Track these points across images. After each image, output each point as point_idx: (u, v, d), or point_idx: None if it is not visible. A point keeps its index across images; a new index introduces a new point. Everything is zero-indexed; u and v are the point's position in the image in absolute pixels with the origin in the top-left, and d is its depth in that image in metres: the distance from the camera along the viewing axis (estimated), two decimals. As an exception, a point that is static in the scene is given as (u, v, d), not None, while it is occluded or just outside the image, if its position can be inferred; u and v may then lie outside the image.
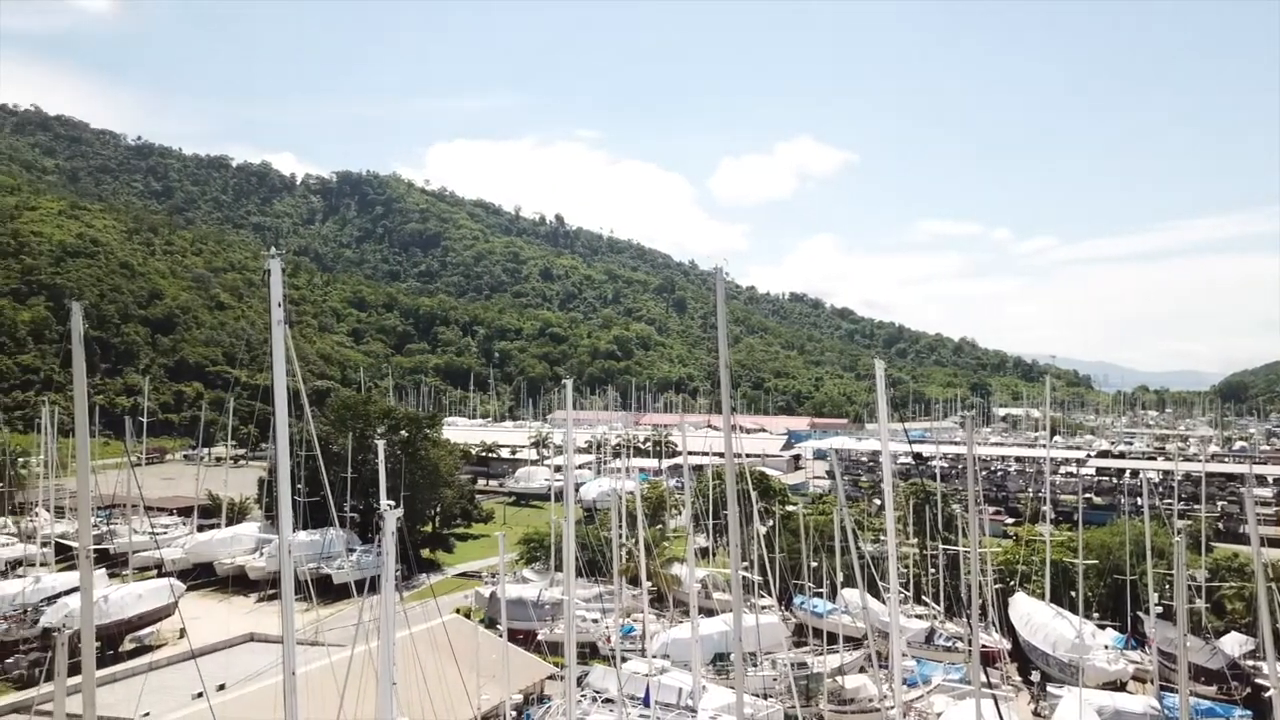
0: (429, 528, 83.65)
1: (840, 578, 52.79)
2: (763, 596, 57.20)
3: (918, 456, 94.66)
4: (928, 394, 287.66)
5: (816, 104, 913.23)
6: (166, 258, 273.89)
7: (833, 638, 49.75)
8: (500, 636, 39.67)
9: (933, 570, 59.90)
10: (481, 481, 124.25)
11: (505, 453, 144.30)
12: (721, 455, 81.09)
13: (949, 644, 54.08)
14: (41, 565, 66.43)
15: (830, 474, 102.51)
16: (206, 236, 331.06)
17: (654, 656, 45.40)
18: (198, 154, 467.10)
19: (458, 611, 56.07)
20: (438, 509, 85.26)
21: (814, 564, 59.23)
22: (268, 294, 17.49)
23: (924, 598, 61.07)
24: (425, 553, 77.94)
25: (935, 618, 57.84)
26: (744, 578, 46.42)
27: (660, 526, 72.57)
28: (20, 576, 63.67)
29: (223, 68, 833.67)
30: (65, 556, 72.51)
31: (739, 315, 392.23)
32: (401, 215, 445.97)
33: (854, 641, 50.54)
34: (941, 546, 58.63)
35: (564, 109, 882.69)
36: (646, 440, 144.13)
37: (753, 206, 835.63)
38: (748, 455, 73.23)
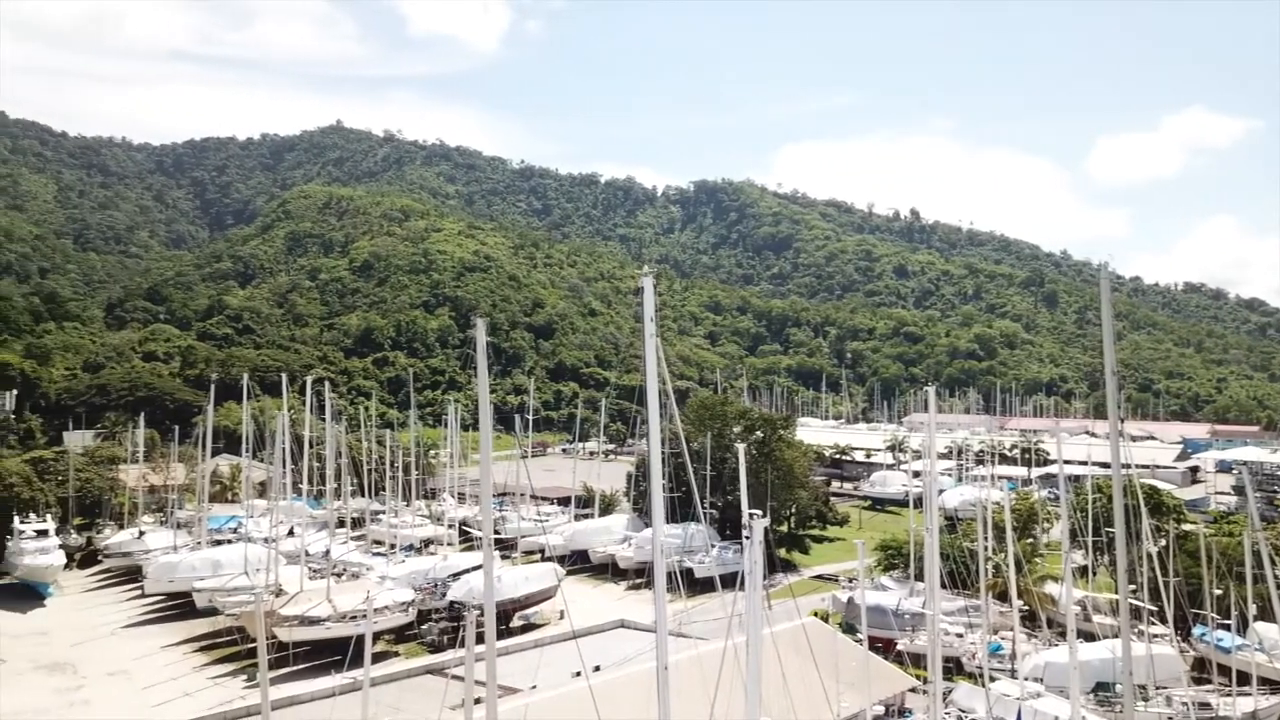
0: (784, 528, 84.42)
1: (1253, 610, 46.05)
2: (1153, 624, 51.45)
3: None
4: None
5: (1210, 69, 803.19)
6: (546, 269, 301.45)
7: (1243, 677, 43.54)
8: (859, 643, 39.08)
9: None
10: (835, 484, 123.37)
11: (859, 455, 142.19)
12: (1103, 465, 74.13)
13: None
14: (448, 545, 75.42)
15: (1239, 490, 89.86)
16: (580, 249, 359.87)
17: (1026, 679, 42.43)
18: (571, 173, 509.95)
19: (814, 614, 56.05)
20: (793, 510, 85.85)
21: (1218, 591, 52.21)
22: (640, 309, 18.63)
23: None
24: (781, 553, 78.79)
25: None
26: (1132, 602, 41.95)
27: (1031, 540, 67.68)
28: (431, 554, 72.99)
29: (590, 92, 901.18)
30: (467, 538, 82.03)
31: (1122, 309, 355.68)
32: (755, 220, 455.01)
33: (1271, 684, 43.88)
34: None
35: (913, 101, 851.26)
36: (1013, 447, 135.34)
37: (1134, 188, 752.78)
38: (1136, 466, 66.09)
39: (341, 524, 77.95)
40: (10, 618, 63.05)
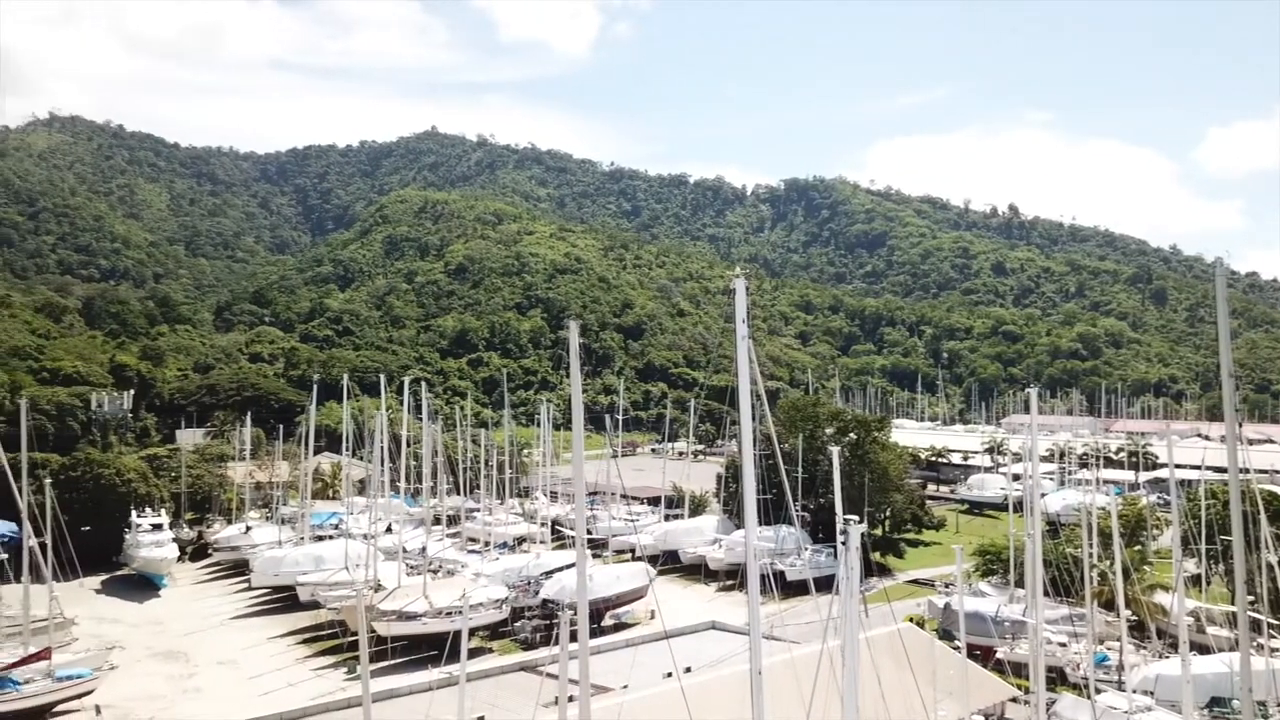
0: (879, 531, 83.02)
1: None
2: (1275, 637, 48.86)
3: None
4: None
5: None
6: (635, 271, 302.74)
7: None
8: (957, 650, 38.13)
9: None
10: (931, 487, 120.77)
11: (956, 458, 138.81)
12: (1218, 470, 70.80)
13: None
14: (540, 543, 76.31)
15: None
16: (669, 250, 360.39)
17: (1134, 691, 40.80)
18: (660, 174, 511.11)
19: (910, 619, 54.92)
20: (887, 513, 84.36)
21: (1347, 605, 49.31)
22: (732, 309, 18.51)
23: None
24: (875, 556, 77.43)
25: None
26: (1250, 614, 39.97)
27: (1139, 548, 65.06)
28: (524, 552, 73.97)
29: (679, 92, 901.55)
30: (559, 536, 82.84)
31: (1238, 306, 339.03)
32: (847, 217, 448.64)
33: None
34: None
35: (1010, 93, 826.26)
36: (1119, 450, 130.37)
37: (1248, 179, 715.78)
38: (1255, 471, 62.91)
39: (437, 521, 79.58)
40: (128, 607, 66.24)
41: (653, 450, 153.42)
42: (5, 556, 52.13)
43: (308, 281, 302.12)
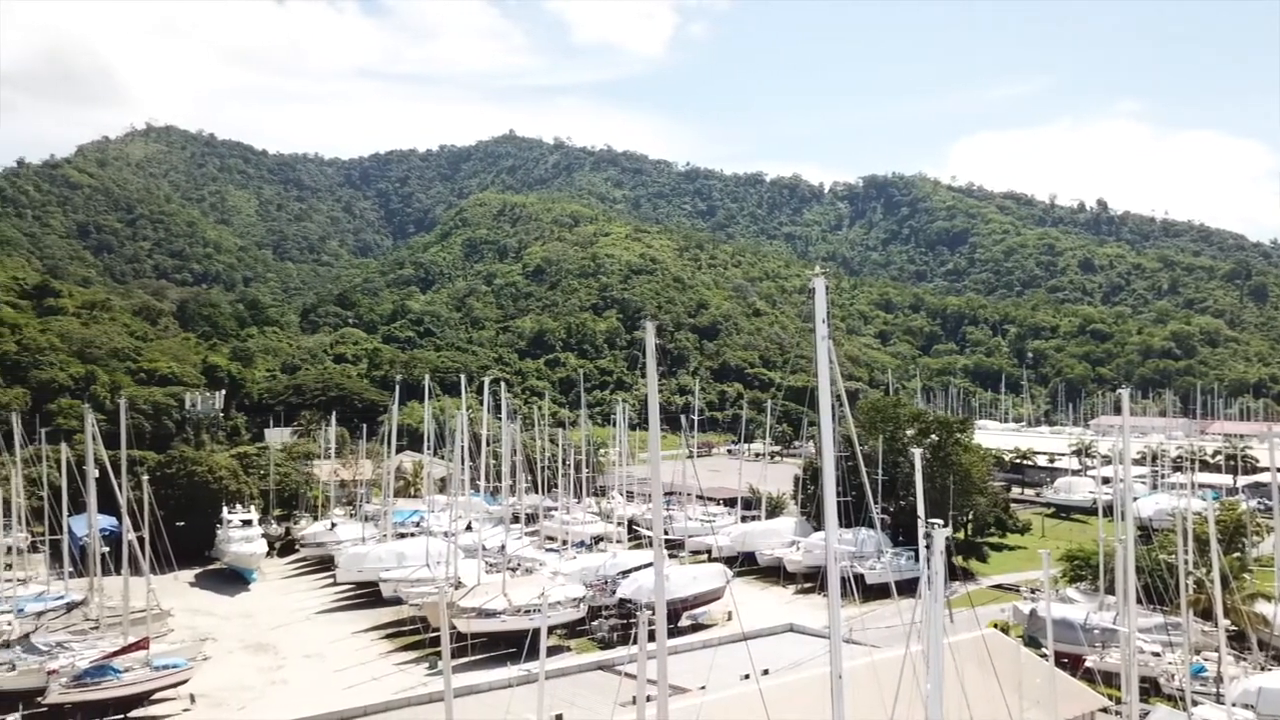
0: (961, 535, 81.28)
1: None
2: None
3: None
4: None
5: None
6: (710, 271, 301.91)
7: None
8: (1044, 658, 37.08)
9: None
10: (1016, 490, 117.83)
11: (1042, 460, 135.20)
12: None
13: None
14: (617, 542, 76.56)
15: None
16: (744, 249, 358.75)
17: (1234, 704, 39.12)
18: (736, 173, 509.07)
19: (994, 625, 53.62)
20: (970, 516, 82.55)
21: None
22: (810, 308, 18.26)
23: None
24: (957, 560, 75.83)
25: None
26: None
27: (1238, 555, 62.44)
28: (601, 551, 74.30)
29: (754, 91, 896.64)
30: (635, 536, 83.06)
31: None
32: (928, 214, 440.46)
33: None
34: None
35: (1097, 84, 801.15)
36: (1216, 453, 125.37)
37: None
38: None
39: (516, 520, 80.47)
40: (220, 600, 68.49)
41: (728, 451, 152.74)
42: (107, 549, 54.30)
43: (390, 284, 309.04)
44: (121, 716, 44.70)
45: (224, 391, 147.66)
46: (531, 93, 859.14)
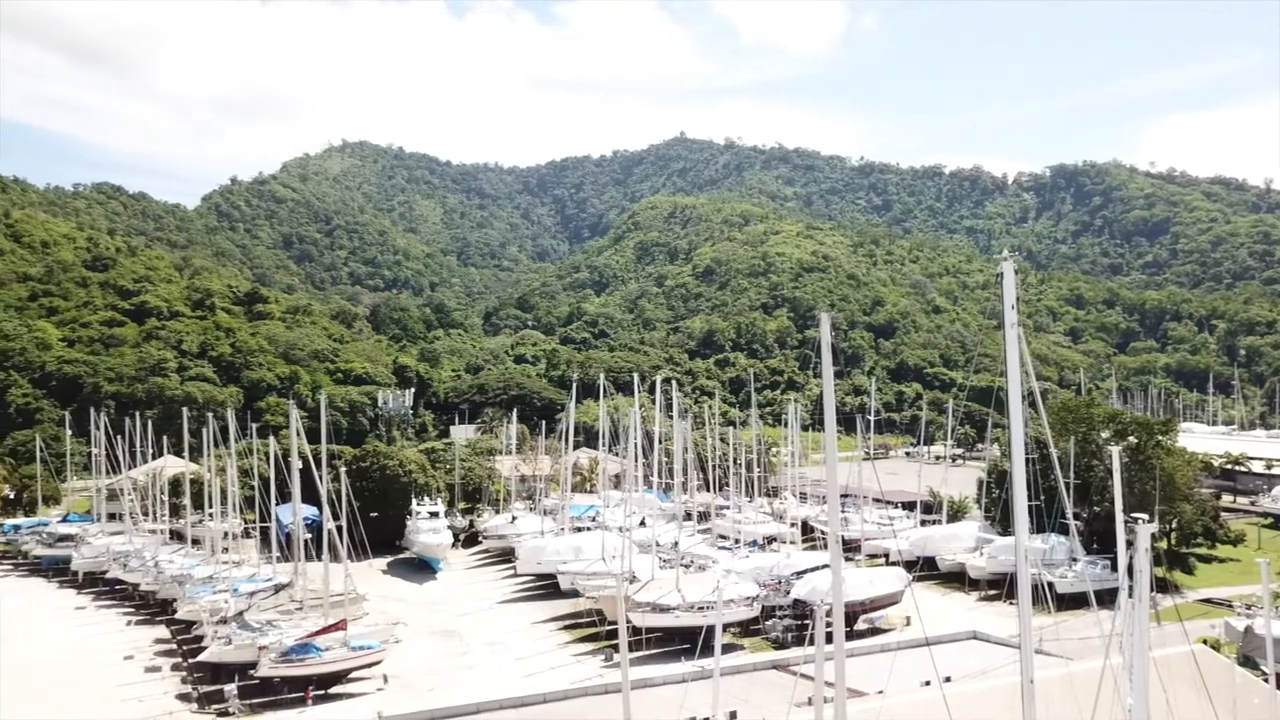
0: (1164, 544, 75.69)
1: None
2: None
3: None
4: None
5: None
6: (886, 267, 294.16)
7: None
8: (1263, 679, 33.96)
9: None
10: (1227, 498, 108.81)
11: (1257, 466, 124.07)
12: None
13: None
14: (790, 543, 75.63)
15: None
16: (922, 244, 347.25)
17: None
18: (913, 166, 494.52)
19: (1203, 641, 49.57)
20: (1174, 524, 76.72)
21: None
22: (1000, 297, 17.37)
23: None
24: (1160, 571, 70.55)
25: None
26: None
27: None
28: (774, 551, 73.59)
29: (931, 82, 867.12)
30: (809, 536, 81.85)
31: None
32: (1123, 204, 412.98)
33: None
34: None
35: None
36: None
37: None
38: None
39: (688, 517, 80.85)
40: (409, 587, 72.14)
41: (906, 454, 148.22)
42: (309, 537, 58.10)
43: (566, 287, 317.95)
44: (321, 692, 47.75)
45: (413, 390, 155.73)
46: (701, 95, 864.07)
